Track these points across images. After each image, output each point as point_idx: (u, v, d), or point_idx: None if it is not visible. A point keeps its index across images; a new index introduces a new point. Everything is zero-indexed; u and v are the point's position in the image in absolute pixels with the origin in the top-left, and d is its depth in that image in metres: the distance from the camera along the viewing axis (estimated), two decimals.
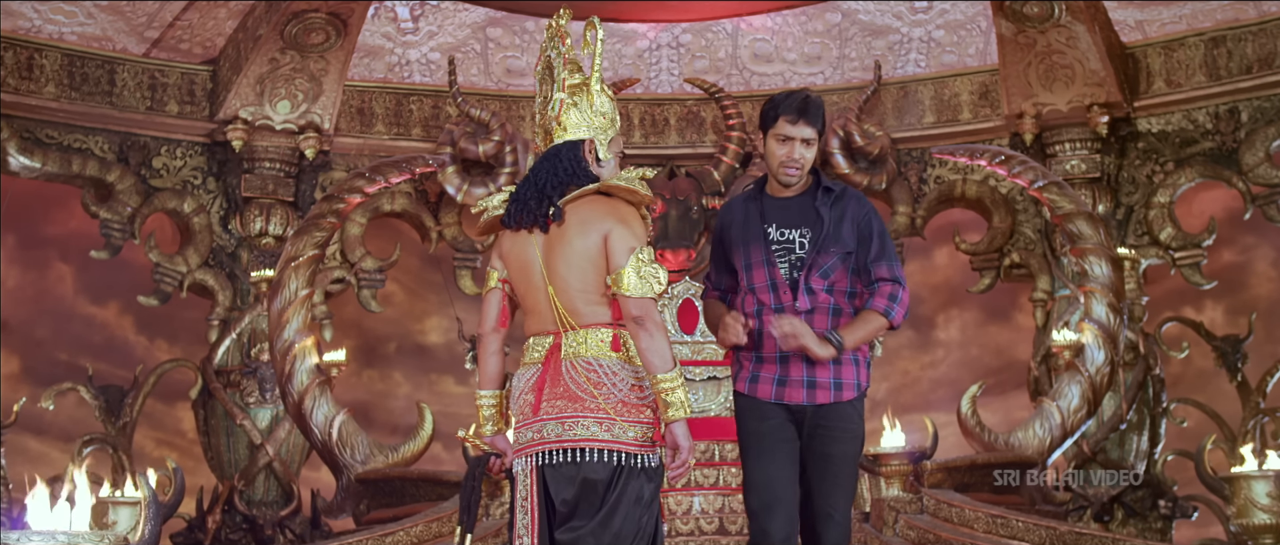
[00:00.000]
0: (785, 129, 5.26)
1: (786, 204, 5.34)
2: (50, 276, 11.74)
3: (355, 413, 11.60)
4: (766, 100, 5.37)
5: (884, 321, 5.29)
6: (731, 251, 5.40)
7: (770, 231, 5.30)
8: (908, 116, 11.80)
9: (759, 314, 5.28)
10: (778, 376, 5.26)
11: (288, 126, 11.39)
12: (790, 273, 5.26)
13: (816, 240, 5.26)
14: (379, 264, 11.67)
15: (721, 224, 5.49)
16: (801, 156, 5.28)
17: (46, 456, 11.13)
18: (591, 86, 5.09)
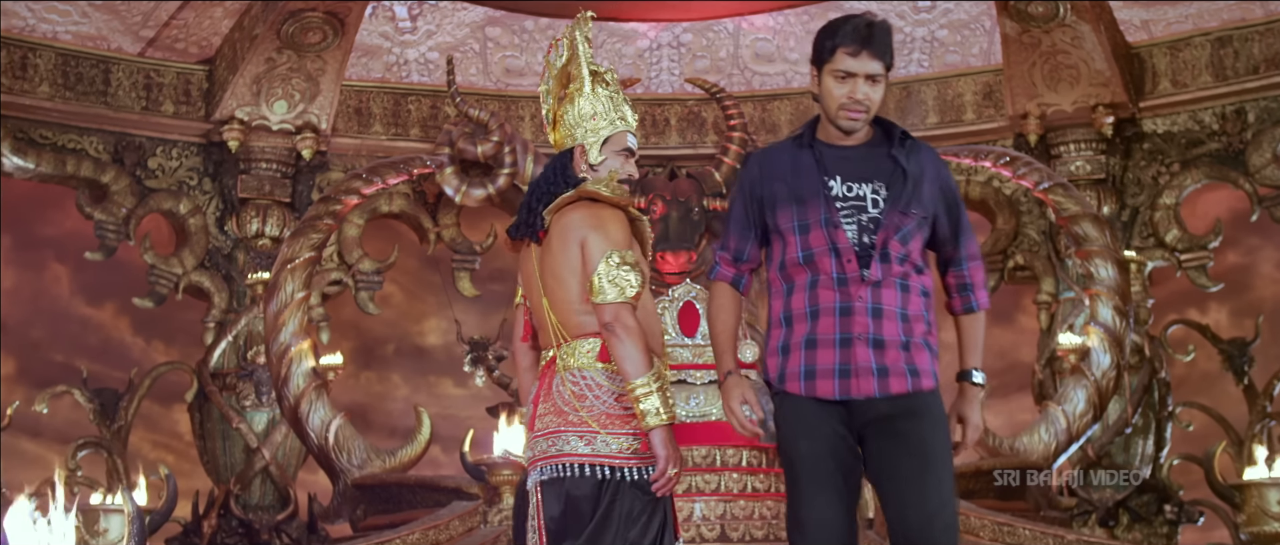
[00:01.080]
0: (845, 63, 4.32)
1: (851, 154, 4.41)
2: (46, 277, 11.67)
3: (353, 415, 11.54)
4: (822, 28, 4.43)
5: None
6: (774, 210, 4.43)
7: (833, 185, 4.37)
8: (911, 117, 11.69)
9: (813, 287, 4.36)
10: (838, 364, 4.33)
11: (284, 127, 11.30)
12: (859, 236, 4.33)
13: (897, 197, 4.35)
14: (377, 266, 11.57)
15: (756, 177, 4.53)
16: (867, 97, 4.34)
17: (42, 459, 11.05)
18: (571, 88, 4.99)
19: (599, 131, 4.88)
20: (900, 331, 4.35)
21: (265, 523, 10.82)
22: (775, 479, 9.02)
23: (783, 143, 4.55)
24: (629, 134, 4.89)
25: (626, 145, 4.88)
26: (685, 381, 9.79)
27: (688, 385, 9.81)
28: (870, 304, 4.34)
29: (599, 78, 4.99)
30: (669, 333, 9.88)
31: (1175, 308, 11.60)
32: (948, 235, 4.49)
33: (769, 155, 4.55)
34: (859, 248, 4.33)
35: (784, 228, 4.41)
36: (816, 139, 4.46)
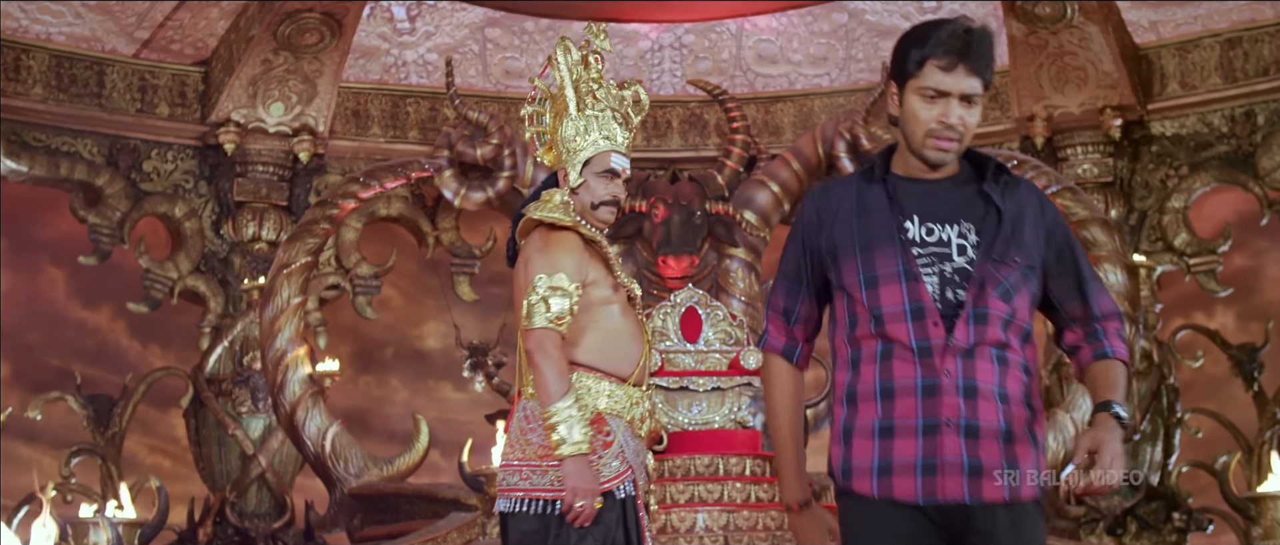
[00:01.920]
0: (936, 79, 3.46)
1: (933, 189, 3.53)
2: (41, 280, 11.53)
3: (351, 420, 11.45)
4: (906, 35, 3.56)
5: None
6: (836, 259, 3.56)
7: (910, 228, 3.50)
8: None
9: (885, 357, 3.44)
10: (921, 458, 3.40)
11: (281, 129, 11.16)
12: (943, 290, 3.46)
13: (991, 243, 3.47)
14: (375, 270, 11.43)
15: (812, 219, 3.64)
16: (961, 121, 3.48)
17: (38, 463, 10.82)
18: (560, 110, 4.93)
19: (578, 154, 4.78)
20: (1000, 416, 3.39)
21: (261, 531, 10.66)
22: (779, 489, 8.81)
23: (847, 178, 3.72)
24: (613, 153, 4.76)
25: (609, 166, 4.76)
26: (687, 388, 9.63)
27: (690, 392, 9.63)
28: (960, 380, 3.40)
29: (590, 94, 4.81)
30: (670, 339, 9.70)
31: (1181, 311, 11.44)
32: (1068, 289, 3.59)
33: (829, 192, 3.66)
34: (943, 306, 3.43)
35: (848, 282, 3.51)
36: (891, 172, 3.60)
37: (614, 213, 4.78)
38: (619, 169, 4.76)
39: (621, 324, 4.70)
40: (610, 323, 4.68)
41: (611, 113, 4.81)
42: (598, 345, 4.66)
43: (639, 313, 4.77)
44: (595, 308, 4.68)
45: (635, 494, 4.65)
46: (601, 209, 4.76)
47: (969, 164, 3.59)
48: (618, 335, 4.69)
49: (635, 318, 4.75)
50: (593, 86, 4.83)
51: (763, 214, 10.84)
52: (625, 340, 4.71)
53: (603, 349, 4.65)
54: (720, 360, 9.79)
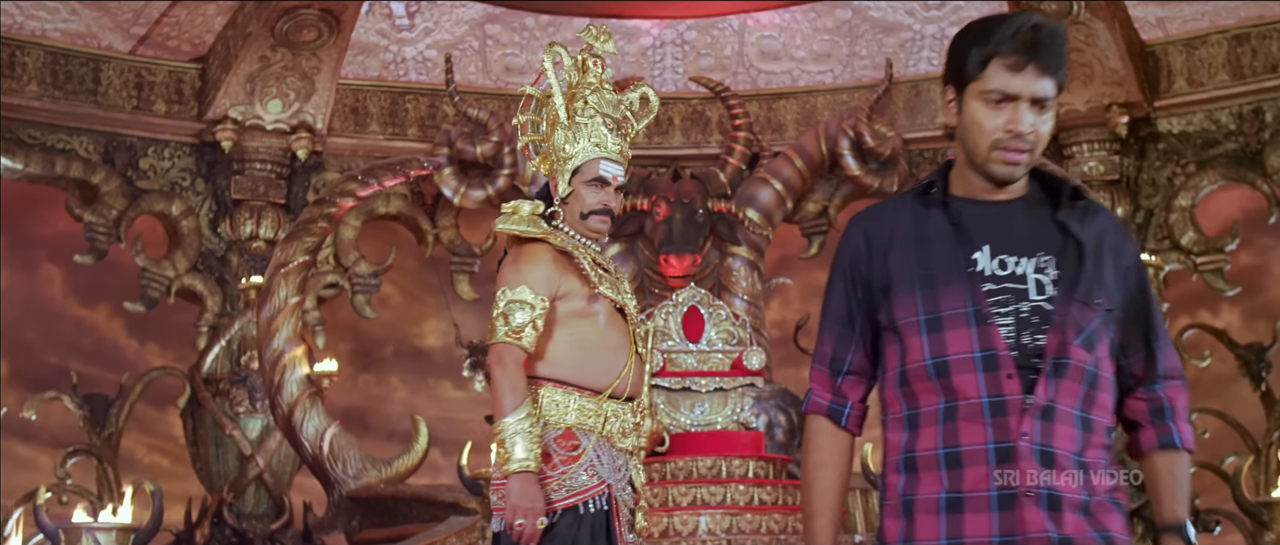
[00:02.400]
0: (1003, 81, 2.91)
1: (1003, 213, 2.98)
2: (39, 278, 11.41)
3: (350, 418, 11.44)
4: (964, 31, 3.01)
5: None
6: (890, 295, 2.98)
7: (980, 260, 2.94)
8: (920, 116, 11.35)
9: (949, 417, 2.89)
10: (999, 537, 2.85)
11: (279, 126, 11.01)
12: (1020, 335, 2.88)
13: (1073, 279, 2.93)
14: (374, 268, 11.29)
15: (859, 248, 3.06)
16: (1033, 130, 2.93)
17: (35, 462, 10.84)
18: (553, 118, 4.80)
19: (568, 162, 4.65)
20: (1080, 485, 2.87)
21: (259, 532, 10.51)
22: (783, 491, 8.71)
23: (899, 198, 3.11)
24: (603, 161, 4.62)
25: (597, 174, 4.63)
26: (690, 389, 9.52)
27: (692, 393, 9.52)
28: (1037, 444, 2.85)
29: (582, 100, 4.65)
30: (672, 338, 9.57)
31: (1186, 309, 11.32)
32: (1135, 341, 3.05)
33: (879, 216, 3.09)
34: (1018, 354, 2.86)
35: (904, 323, 2.94)
36: (951, 193, 3.02)
37: (606, 222, 4.66)
38: (609, 177, 4.63)
39: (600, 336, 4.58)
40: (587, 335, 4.57)
41: (603, 119, 4.65)
42: (570, 358, 4.55)
43: (632, 324, 4.65)
44: (570, 320, 4.57)
45: (612, 509, 4.50)
46: (592, 219, 4.64)
47: (1039, 184, 3.03)
48: (595, 348, 4.57)
49: (621, 329, 4.62)
50: (585, 92, 4.67)
51: (765, 212, 10.75)
52: (603, 352, 4.58)
53: (575, 362, 4.54)
54: (723, 360, 9.66)
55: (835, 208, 11.17)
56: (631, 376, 4.58)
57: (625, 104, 4.76)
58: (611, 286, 4.61)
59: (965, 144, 2.99)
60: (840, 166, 10.83)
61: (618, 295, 4.61)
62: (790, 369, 11.40)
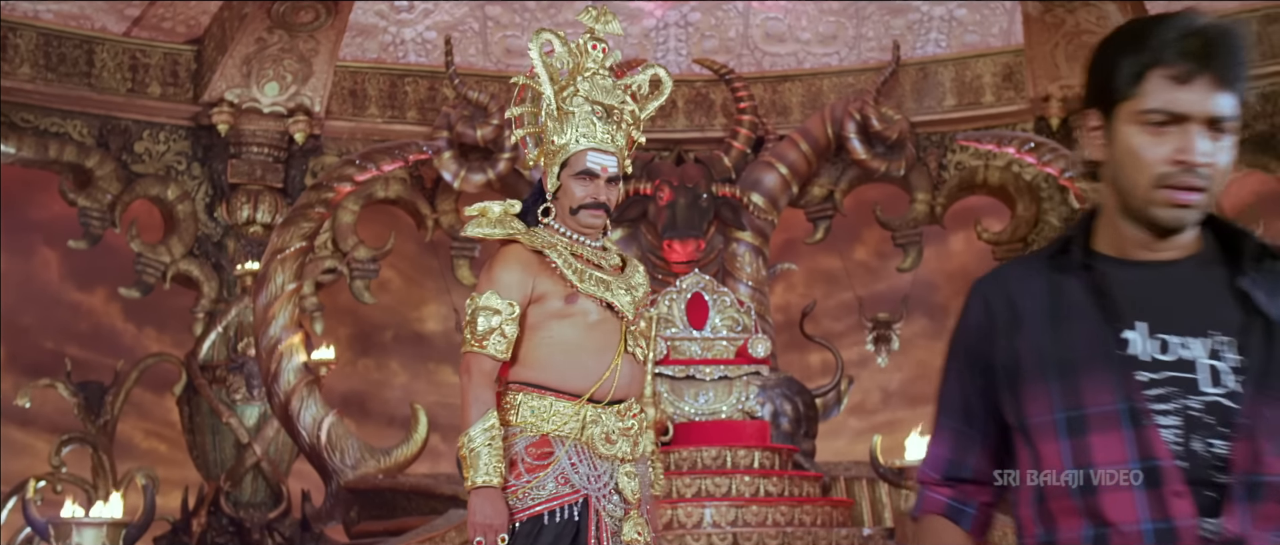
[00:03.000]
0: (1169, 97, 2.21)
1: (1165, 278, 2.26)
2: (35, 262, 11.23)
3: (350, 404, 11.25)
4: (1110, 37, 2.29)
5: None
6: (1018, 386, 2.28)
7: (1134, 341, 2.23)
8: (927, 99, 11.16)
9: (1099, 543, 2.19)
10: None
11: (276, 109, 10.82)
12: (1188, 440, 2.17)
13: (1263, 369, 2.20)
14: (372, 253, 11.07)
15: (982, 321, 2.35)
16: (1210, 161, 2.20)
17: (32, 448, 10.68)
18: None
19: (557, 156, 4.41)
20: None
21: (257, 521, 10.32)
22: (789, 482, 8.49)
23: (1030, 258, 2.38)
24: (590, 152, 4.36)
25: (585, 166, 4.36)
26: (693, 377, 9.34)
27: (696, 381, 9.34)
28: None
29: (572, 88, 4.40)
30: (676, 325, 9.37)
31: None
32: None
33: (1005, 281, 2.36)
34: (1190, 466, 2.15)
35: (1036, 424, 2.25)
36: (1093, 251, 2.30)
37: (598, 216, 4.38)
38: (597, 169, 4.36)
39: (582, 338, 4.33)
40: (567, 337, 4.32)
41: (592, 107, 4.38)
42: (546, 361, 4.31)
43: (624, 323, 4.38)
44: (549, 323, 4.32)
45: (587, 519, 4.25)
46: (582, 213, 4.37)
47: (1213, 237, 2.29)
48: (574, 350, 4.32)
49: (612, 329, 4.36)
50: (577, 79, 4.42)
51: (770, 196, 10.60)
52: (583, 355, 4.33)
53: (552, 365, 4.30)
54: (727, 348, 9.49)
55: (841, 192, 10.98)
56: (618, 378, 4.32)
57: (628, 88, 4.50)
58: (599, 283, 4.33)
59: (1118, 183, 2.25)
60: (846, 150, 10.67)
61: (604, 292, 4.33)
62: (794, 354, 11.17)
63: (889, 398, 12.14)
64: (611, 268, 4.42)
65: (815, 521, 8.42)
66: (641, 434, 4.36)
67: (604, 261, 4.41)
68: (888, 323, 11.03)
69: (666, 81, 4.58)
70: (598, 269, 4.36)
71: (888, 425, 12.25)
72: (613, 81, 4.42)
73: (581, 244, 4.38)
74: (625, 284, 4.40)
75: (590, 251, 4.38)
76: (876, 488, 9.73)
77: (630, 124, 4.44)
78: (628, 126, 4.43)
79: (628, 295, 4.38)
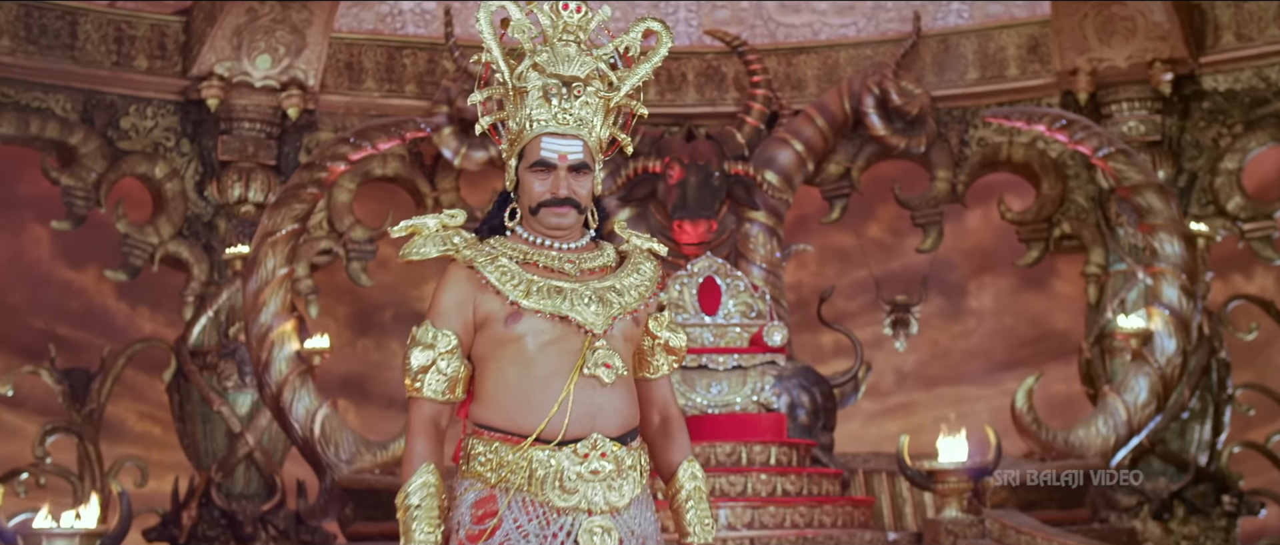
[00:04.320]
0: None
1: None
2: (25, 239, 10.76)
3: (350, 386, 10.83)
4: None
5: None
6: None
7: None
8: (949, 73, 10.55)
9: None
10: None
11: (268, 83, 10.21)
12: None
13: None
14: (369, 233, 10.52)
15: None
16: None
17: (22, 431, 10.19)
18: None
19: (514, 147, 3.60)
20: None
21: (250, 513, 9.81)
22: (808, 481, 7.87)
23: None
24: (544, 138, 3.54)
25: (538, 156, 3.55)
26: (706, 367, 8.80)
27: (709, 371, 8.78)
28: None
29: (531, 61, 3.58)
30: (687, 311, 8.76)
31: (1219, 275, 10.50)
32: None
33: None
34: None
35: None
36: None
37: (563, 214, 3.57)
38: (552, 157, 3.55)
39: (526, 365, 3.51)
40: (510, 364, 3.52)
41: (546, 81, 3.58)
42: (493, 397, 3.54)
43: (586, 339, 3.52)
44: (494, 350, 3.54)
45: None
46: (543, 213, 3.57)
47: None
48: (519, 380, 3.51)
49: (561, 350, 3.52)
50: (538, 53, 3.60)
51: (785, 174, 10.08)
52: (529, 385, 3.50)
53: (498, 401, 3.52)
54: (741, 335, 8.95)
55: (858, 169, 10.41)
56: (572, 409, 3.49)
57: (621, 51, 3.65)
58: (550, 294, 3.52)
59: None
60: (864, 126, 10.13)
61: (557, 304, 3.52)
62: (805, 335, 10.54)
63: (903, 379, 11.62)
64: (589, 271, 3.60)
65: (836, 522, 7.85)
66: (623, 476, 3.52)
67: (580, 264, 3.61)
68: (906, 305, 10.42)
69: (664, 37, 3.69)
70: (556, 276, 3.56)
71: (902, 408, 11.75)
72: (576, 48, 3.60)
73: (546, 249, 3.60)
74: (602, 289, 3.57)
75: (555, 257, 3.60)
76: (896, 482, 9.15)
77: (606, 94, 3.61)
78: (601, 99, 3.61)
79: (595, 305, 3.54)
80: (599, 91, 3.61)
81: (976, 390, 11.43)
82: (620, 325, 3.56)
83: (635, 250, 3.73)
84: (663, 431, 3.70)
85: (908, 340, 10.46)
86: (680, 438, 3.68)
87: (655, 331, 3.67)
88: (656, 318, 3.68)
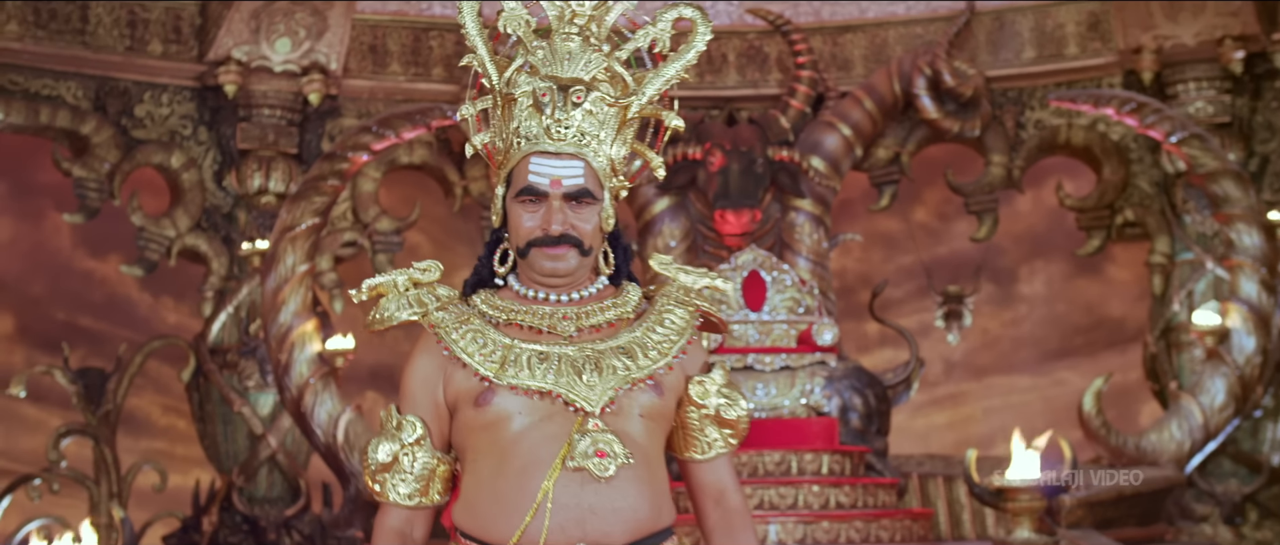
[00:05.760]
0: None
1: None
2: (45, 228, 10.24)
3: (379, 378, 10.26)
4: None
5: None
6: None
7: None
8: (1004, 52, 9.83)
9: None
10: None
11: (288, 68, 9.58)
12: None
13: None
14: (396, 225, 9.90)
15: None
16: None
17: (45, 425, 9.67)
18: None
19: (501, 173, 2.86)
20: None
21: (273, 519, 9.21)
22: (863, 492, 7.17)
23: None
24: (532, 158, 2.77)
25: (526, 182, 2.78)
26: (752, 368, 8.18)
27: (755, 372, 8.16)
28: None
29: (524, 62, 2.87)
30: (730, 308, 8.07)
31: None
32: None
33: None
34: None
35: None
36: None
37: (559, 257, 2.77)
38: (541, 184, 2.77)
39: (502, 455, 2.72)
40: (487, 457, 2.75)
41: (537, 87, 2.82)
42: (466, 496, 2.77)
43: (579, 419, 2.70)
44: (470, 438, 2.78)
45: None
46: (533, 255, 2.78)
47: None
48: (493, 477, 2.73)
49: (546, 435, 2.71)
50: (530, 48, 2.89)
51: (832, 160, 9.38)
52: (504, 484, 2.71)
53: (470, 503, 2.76)
54: (788, 333, 8.28)
55: (908, 154, 9.73)
56: (552, 513, 2.67)
57: (653, 45, 2.87)
58: (535, 362, 2.72)
59: None
60: (915, 108, 9.41)
61: (540, 377, 2.71)
62: (847, 324, 9.82)
63: (952, 369, 10.94)
64: (592, 328, 2.79)
65: (893, 537, 7.18)
66: None
67: (580, 320, 2.80)
68: (959, 296, 9.74)
69: (700, 26, 2.86)
70: (544, 338, 2.76)
71: (951, 399, 11.10)
72: (580, 43, 2.86)
73: (539, 303, 2.80)
74: (604, 351, 2.75)
75: (548, 314, 2.78)
76: (954, 487, 8.45)
77: (621, 100, 2.81)
78: (613, 107, 2.80)
79: (590, 373, 2.71)
80: (609, 96, 2.81)
81: (1028, 380, 10.79)
82: (634, 398, 2.74)
83: (665, 294, 2.87)
84: (723, 526, 2.86)
85: (961, 334, 9.76)
86: (744, 535, 2.87)
87: (699, 399, 2.83)
88: (701, 381, 2.84)
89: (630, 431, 2.71)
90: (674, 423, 2.84)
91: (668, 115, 2.87)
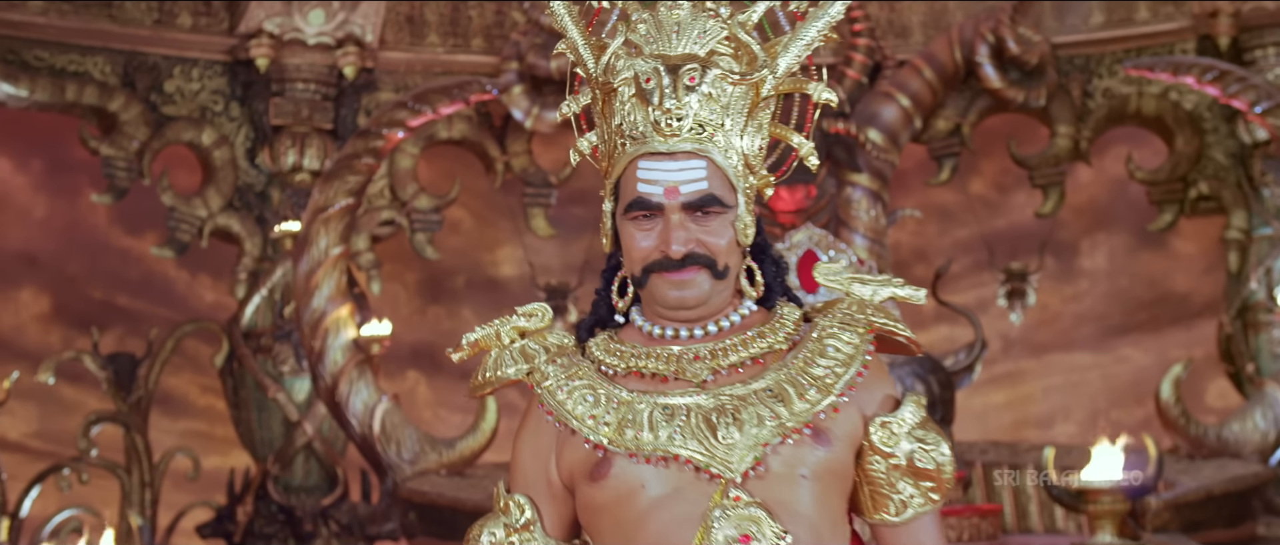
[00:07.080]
0: None
1: None
2: (81, 206, 9.79)
3: (420, 356, 9.95)
4: None
5: None
6: None
7: None
8: (1070, 17, 9.19)
9: None
10: None
11: (323, 41, 9.07)
12: None
13: None
14: (435, 202, 9.37)
15: None
16: None
17: (82, 406, 9.26)
18: None
19: (607, 183, 2.23)
20: None
21: (309, 508, 8.76)
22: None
23: None
24: (640, 162, 2.17)
25: (635, 193, 2.18)
26: None
27: None
28: None
29: (615, 54, 2.20)
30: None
31: None
32: None
33: None
34: None
35: None
36: None
37: (686, 281, 2.17)
38: (654, 194, 2.18)
39: (627, 533, 2.15)
40: (613, 538, 2.18)
41: (642, 72, 2.17)
42: None
43: (722, 487, 2.10)
44: (590, 518, 2.23)
45: None
46: (653, 282, 2.19)
47: None
48: None
49: (684, 506, 2.12)
50: (632, 24, 2.24)
51: (890, 132, 8.77)
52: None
53: None
54: None
55: (969, 125, 9.14)
56: None
57: (755, 16, 2.26)
58: (660, 421, 2.12)
59: None
60: (977, 77, 8.80)
61: (667, 439, 2.10)
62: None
63: (1010, 346, 10.35)
64: (733, 367, 2.18)
65: (961, 536, 6.58)
66: None
67: (717, 359, 2.18)
68: (1023, 274, 9.14)
69: (835, 8, 2.31)
70: (672, 387, 2.16)
71: (1010, 377, 10.54)
72: (689, 13, 2.22)
73: (665, 342, 2.21)
74: (745, 397, 2.13)
75: (674, 356, 2.18)
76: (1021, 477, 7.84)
77: (750, 77, 2.19)
78: (740, 86, 2.17)
79: (728, 428, 2.10)
80: (733, 74, 2.18)
81: (1089, 357, 10.21)
82: (793, 455, 2.12)
83: (830, 313, 2.26)
84: None
85: (1024, 313, 9.16)
86: None
87: (884, 446, 2.22)
88: (885, 422, 2.23)
89: (789, 500, 2.11)
90: (856, 478, 2.24)
91: (814, 87, 2.31)
